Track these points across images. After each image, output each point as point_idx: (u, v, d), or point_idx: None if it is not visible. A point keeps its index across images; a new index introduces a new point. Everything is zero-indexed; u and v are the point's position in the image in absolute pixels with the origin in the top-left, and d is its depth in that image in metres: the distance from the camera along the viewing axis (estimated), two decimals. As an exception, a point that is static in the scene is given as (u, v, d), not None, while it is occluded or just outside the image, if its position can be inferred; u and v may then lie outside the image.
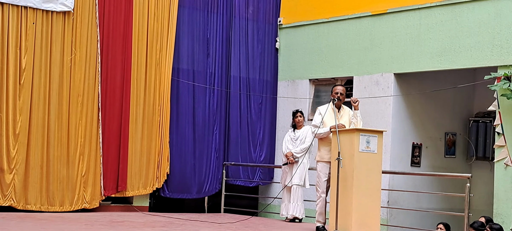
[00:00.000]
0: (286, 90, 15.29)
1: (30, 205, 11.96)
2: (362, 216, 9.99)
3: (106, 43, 12.83)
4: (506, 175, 11.87)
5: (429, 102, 14.07)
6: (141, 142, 13.19)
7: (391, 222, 12.98)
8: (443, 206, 13.94)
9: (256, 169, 14.96)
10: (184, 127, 13.83)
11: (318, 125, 10.51)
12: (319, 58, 14.73)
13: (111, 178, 12.87)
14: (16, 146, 11.86)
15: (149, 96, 13.31)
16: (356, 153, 9.93)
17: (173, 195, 13.76)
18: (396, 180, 13.36)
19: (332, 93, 10.60)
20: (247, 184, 14.90)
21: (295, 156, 12.26)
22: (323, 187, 10.60)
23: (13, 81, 11.81)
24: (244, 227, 11.00)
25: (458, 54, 12.57)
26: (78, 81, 12.47)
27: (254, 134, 14.93)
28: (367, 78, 13.84)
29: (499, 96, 11.93)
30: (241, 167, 14.67)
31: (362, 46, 13.98)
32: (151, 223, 11.21)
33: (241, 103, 14.78)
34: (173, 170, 13.66)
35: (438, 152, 14.45)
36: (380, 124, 13.22)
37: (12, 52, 11.82)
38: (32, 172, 12.00)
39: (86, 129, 12.56)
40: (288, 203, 12.38)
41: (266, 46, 15.24)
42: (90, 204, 12.58)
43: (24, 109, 11.93)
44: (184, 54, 13.88)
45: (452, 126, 14.68)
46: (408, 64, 13.26)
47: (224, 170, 14.32)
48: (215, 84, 14.26)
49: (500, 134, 11.97)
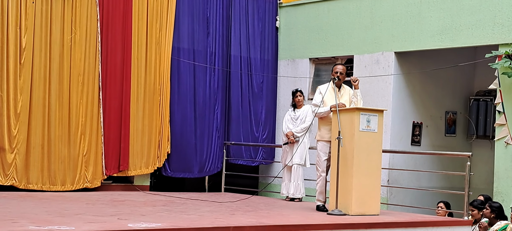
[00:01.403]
0: (286, 70, 15.28)
1: (32, 184, 11.98)
2: (362, 195, 10.02)
3: (106, 22, 12.80)
4: (507, 154, 11.90)
5: (430, 81, 14.07)
6: (142, 121, 13.19)
7: (391, 201, 13.02)
8: (443, 185, 13.97)
9: (259, 148, 14.96)
10: (185, 106, 13.81)
11: (319, 104, 10.51)
12: (319, 37, 14.71)
13: (113, 157, 12.89)
14: (17, 125, 11.86)
15: (150, 76, 13.29)
16: (356, 132, 9.94)
17: (175, 174, 13.77)
18: (396, 159, 13.38)
19: (332, 73, 10.59)
20: (250, 163, 14.92)
21: (295, 135, 12.27)
22: (323, 166, 10.61)
23: (13, 60, 11.80)
24: (245, 206, 11.03)
25: (459, 32, 12.56)
26: (79, 61, 12.45)
27: (256, 113, 14.92)
28: (368, 57, 13.84)
29: (500, 75, 11.94)
30: (243, 147, 14.67)
31: (362, 25, 13.96)
32: (152, 202, 11.24)
33: (243, 82, 14.76)
34: (175, 149, 13.66)
35: (439, 131, 14.46)
36: (381, 103, 13.23)
37: (12, 32, 11.79)
38: (33, 151, 12.01)
39: (87, 108, 12.56)
40: (289, 182, 12.40)
41: (266, 25, 15.20)
42: (92, 184, 12.60)
43: (25, 88, 11.92)
44: (185, 34, 13.85)
45: (453, 105, 14.69)
46: (408, 43, 13.25)
47: (224, 150, 14.34)
48: (215, 63, 14.23)
49: (501, 112, 11.98)
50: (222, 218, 9.23)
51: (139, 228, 7.72)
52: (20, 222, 7.80)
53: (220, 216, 9.41)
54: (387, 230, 9.52)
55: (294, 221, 9.24)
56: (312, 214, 10.29)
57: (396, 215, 10.60)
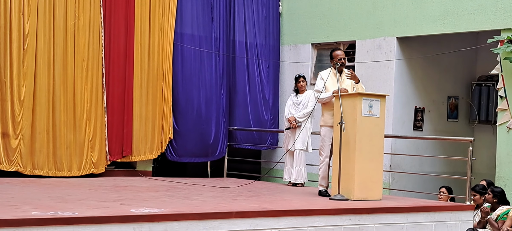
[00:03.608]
0: (289, 55, 15.28)
1: (37, 170, 11.99)
2: (364, 180, 10.05)
3: (109, 8, 12.79)
4: (509, 139, 11.92)
5: (432, 66, 14.07)
6: (146, 106, 13.20)
7: (394, 186, 13.05)
8: (446, 170, 14.00)
9: (267, 133, 14.93)
10: (191, 91, 13.77)
11: (321, 90, 10.51)
12: (321, 22, 14.70)
13: (117, 143, 12.90)
14: (21, 111, 11.87)
15: (153, 62, 13.29)
16: (358, 117, 9.96)
17: (181, 159, 13.76)
18: (398, 144, 13.40)
19: (335, 59, 10.53)
20: (259, 148, 14.93)
21: (297, 120, 12.29)
22: (327, 151, 10.63)
23: (16, 46, 11.80)
24: (247, 191, 11.06)
25: (460, 17, 12.55)
26: (83, 46, 12.45)
27: (264, 97, 14.88)
28: (370, 42, 13.83)
29: (502, 60, 11.94)
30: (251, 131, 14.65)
31: (364, 10, 13.95)
32: (154, 188, 11.28)
33: (249, 67, 14.72)
34: (181, 134, 13.64)
35: (441, 116, 14.47)
36: (383, 88, 13.24)
37: (15, 17, 11.79)
38: (38, 137, 12.02)
39: (92, 94, 12.57)
40: (291, 168, 12.43)
41: (270, 10, 15.17)
42: (97, 169, 12.63)
43: (29, 74, 11.93)
44: (188, 19, 13.81)
45: (455, 90, 14.70)
46: (410, 28, 13.25)
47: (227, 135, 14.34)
48: (220, 49, 14.20)
49: (503, 97, 12.00)
50: (224, 203, 9.27)
51: (142, 213, 7.76)
52: (23, 208, 7.84)
53: (223, 201, 9.45)
54: (390, 215, 9.55)
55: (296, 206, 9.28)
56: (315, 199, 10.32)
57: (398, 200, 10.63)
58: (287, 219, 8.66)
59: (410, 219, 9.72)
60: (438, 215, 10.02)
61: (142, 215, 7.65)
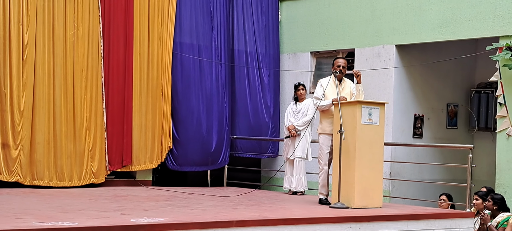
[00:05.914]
0: (288, 63, 15.30)
1: (37, 180, 11.98)
2: (364, 188, 10.05)
3: (108, 17, 12.81)
4: (508, 145, 11.92)
5: (431, 73, 14.08)
6: (146, 116, 13.20)
7: (394, 194, 13.05)
8: (445, 177, 14.00)
9: (268, 142, 14.92)
10: (191, 100, 13.76)
11: (320, 97, 10.53)
12: (320, 30, 14.73)
13: (116, 152, 12.90)
14: (21, 121, 11.86)
15: (152, 71, 13.30)
16: (358, 125, 9.96)
17: (182, 168, 13.75)
18: (398, 151, 13.41)
19: (334, 66, 10.58)
20: (260, 156, 14.92)
21: (297, 128, 12.30)
22: (325, 159, 10.64)
23: (16, 56, 11.80)
24: (247, 200, 11.06)
25: (459, 25, 12.58)
26: (82, 56, 12.46)
27: (265, 106, 14.87)
28: (369, 50, 13.85)
29: (501, 67, 11.96)
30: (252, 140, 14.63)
31: (363, 18, 13.97)
32: (154, 197, 11.27)
33: (250, 76, 14.71)
34: (181, 143, 13.63)
35: (440, 123, 14.48)
36: (382, 96, 13.25)
37: (14, 28, 11.80)
38: (38, 147, 12.01)
39: (92, 104, 12.58)
40: (291, 176, 12.43)
41: (270, 18, 15.18)
42: (98, 179, 12.63)
43: (28, 85, 11.93)
44: (187, 28, 13.80)
45: (454, 97, 14.71)
46: (409, 35, 13.27)
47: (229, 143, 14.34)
48: (221, 58, 14.19)
49: (502, 104, 12.01)
50: (225, 212, 9.26)
51: (142, 223, 7.74)
52: (24, 218, 7.83)
53: (223, 210, 9.44)
54: (390, 222, 9.54)
55: (296, 215, 9.26)
56: (315, 207, 10.31)
57: (399, 208, 10.63)
58: (287, 227, 8.65)
59: (410, 227, 9.71)
60: (438, 222, 10.00)
61: (142, 225, 7.63)
